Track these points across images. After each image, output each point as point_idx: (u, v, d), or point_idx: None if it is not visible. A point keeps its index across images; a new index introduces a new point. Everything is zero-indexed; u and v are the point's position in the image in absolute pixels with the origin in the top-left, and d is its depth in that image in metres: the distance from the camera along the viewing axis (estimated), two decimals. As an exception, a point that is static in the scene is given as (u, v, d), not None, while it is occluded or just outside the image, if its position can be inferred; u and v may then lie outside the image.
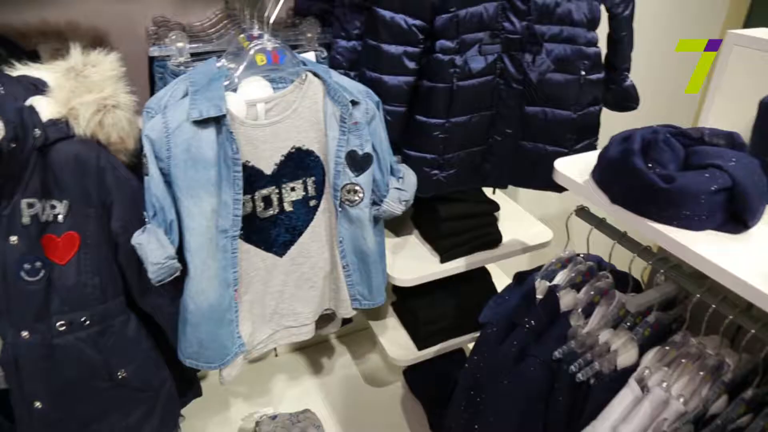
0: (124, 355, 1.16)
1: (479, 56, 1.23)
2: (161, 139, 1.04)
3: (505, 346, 1.18)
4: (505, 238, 1.60)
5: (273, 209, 1.21)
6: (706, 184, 0.83)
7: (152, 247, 1.04)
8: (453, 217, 1.46)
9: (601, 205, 0.95)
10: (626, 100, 1.41)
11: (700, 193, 0.83)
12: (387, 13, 1.21)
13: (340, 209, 1.22)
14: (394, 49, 1.22)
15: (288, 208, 1.22)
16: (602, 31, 1.34)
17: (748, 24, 2.39)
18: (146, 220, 1.08)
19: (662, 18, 2.06)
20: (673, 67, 2.16)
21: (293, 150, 1.19)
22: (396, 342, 1.71)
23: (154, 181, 1.05)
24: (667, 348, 1.06)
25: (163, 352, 1.26)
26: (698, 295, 0.97)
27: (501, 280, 1.75)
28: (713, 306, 0.95)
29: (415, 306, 1.66)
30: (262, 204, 1.20)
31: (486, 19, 1.22)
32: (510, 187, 1.48)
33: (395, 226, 1.65)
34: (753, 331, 0.90)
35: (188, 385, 1.43)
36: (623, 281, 1.18)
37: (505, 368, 1.17)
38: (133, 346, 1.17)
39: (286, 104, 1.17)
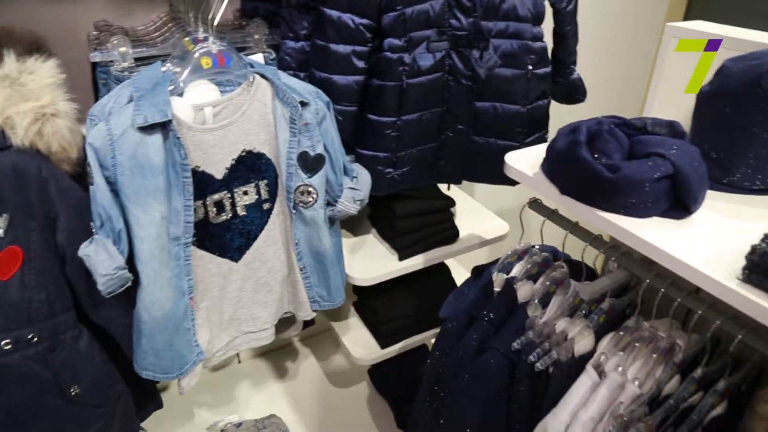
0: (76, 371, 1.12)
1: (427, 54, 1.24)
2: (105, 147, 1.02)
3: (466, 340, 1.19)
4: (462, 233, 1.61)
5: (226, 214, 1.19)
6: (649, 172, 0.85)
7: (101, 258, 1.01)
8: (409, 214, 1.47)
9: (551, 197, 0.97)
10: (574, 93, 1.44)
11: (644, 181, 0.85)
12: (334, 13, 1.20)
13: (294, 211, 1.21)
14: (343, 48, 1.22)
15: (241, 212, 1.20)
16: (548, 26, 1.37)
17: (687, 16, 2.46)
18: (93, 230, 1.05)
19: (606, 11, 2.11)
20: (619, 59, 2.22)
21: (244, 153, 1.17)
22: (359, 342, 1.71)
23: (99, 190, 1.02)
24: (621, 333, 1.08)
25: (119, 365, 1.22)
26: (648, 281, 0.99)
27: (461, 274, 1.76)
28: (662, 290, 0.98)
29: (375, 305, 1.66)
30: (214, 209, 1.18)
31: (433, 17, 1.22)
32: (465, 182, 1.50)
33: (352, 225, 1.65)
34: (699, 312, 0.92)
35: (148, 397, 1.40)
36: (578, 270, 1.20)
37: (466, 362, 1.18)
38: (85, 360, 1.14)
39: (235, 107, 1.15)
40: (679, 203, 0.90)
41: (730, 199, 0.99)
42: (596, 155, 0.90)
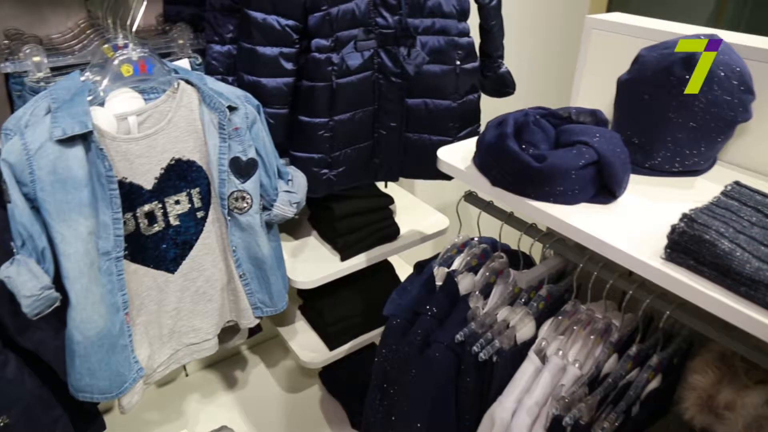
0: (5, 400, 1.07)
1: (356, 53, 1.24)
2: (22, 162, 0.97)
3: (410, 335, 1.20)
4: (403, 230, 1.62)
5: (158, 225, 1.16)
6: (574, 160, 0.88)
7: (24, 279, 0.96)
8: (349, 214, 1.46)
9: (483, 189, 0.99)
10: (503, 86, 1.47)
11: (570, 169, 0.88)
12: (259, 15, 1.18)
13: (229, 218, 1.19)
14: (270, 50, 1.20)
15: (174, 222, 1.17)
16: (475, 21, 1.39)
17: (610, 8, 2.55)
18: (14, 250, 0.99)
19: (532, 4, 2.15)
20: (547, 51, 2.28)
21: (173, 162, 1.14)
22: (307, 345, 1.70)
23: (18, 208, 0.97)
24: (560, 318, 1.11)
25: (54, 389, 1.17)
26: (581, 265, 1.02)
27: (405, 271, 1.77)
28: (595, 273, 1.01)
29: (321, 307, 1.65)
30: (145, 221, 1.14)
31: (359, 16, 1.22)
32: (406, 179, 1.51)
33: (292, 228, 1.63)
34: (630, 292, 0.96)
35: (89, 420, 1.34)
36: (518, 260, 1.22)
37: (412, 357, 1.19)
38: (14, 388, 1.08)
39: (160, 115, 1.12)
40: (605, 189, 0.94)
41: (652, 182, 1.03)
42: (524, 146, 0.92)
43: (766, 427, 0.89)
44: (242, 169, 1.16)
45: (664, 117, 1.01)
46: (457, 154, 1.08)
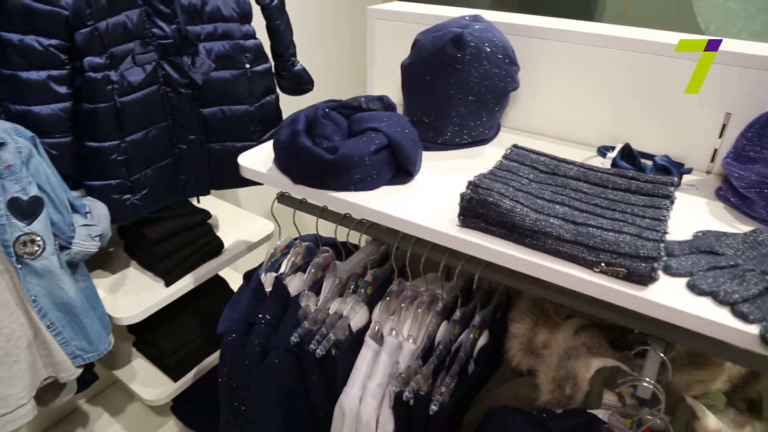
0: None
1: (136, 67, 1.16)
2: None
3: (248, 347, 1.17)
4: (228, 242, 1.57)
5: (-69, 290, 1.00)
6: (366, 146, 0.91)
7: None
8: (164, 236, 1.38)
9: (286, 188, 0.99)
10: (301, 84, 1.47)
11: (363, 155, 0.90)
12: (14, 36, 1.06)
13: (20, 266, 1.06)
14: (36, 75, 1.09)
15: (-48, 283, 1.02)
16: (262, 22, 1.37)
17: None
18: None
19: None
20: (342, 43, 2.32)
21: (-65, 215, 0.99)
22: (149, 382, 1.59)
23: None
24: (388, 299, 1.15)
25: None
26: (396, 245, 1.06)
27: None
28: (410, 250, 1.05)
29: (155, 339, 1.55)
30: None
31: (132, 28, 1.15)
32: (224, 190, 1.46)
33: (107, 262, 1.51)
34: (442, 262, 1.01)
35: None
36: (347, 251, 1.24)
37: (254, 369, 1.16)
38: None
39: None
40: (402, 170, 0.98)
41: (445, 156, 1.10)
42: (317, 140, 0.93)
43: (575, 355, 0.99)
44: (24, 209, 1.04)
45: (446, 94, 1.08)
46: (259, 158, 1.07)
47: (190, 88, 1.24)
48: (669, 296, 0.73)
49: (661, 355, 0.87)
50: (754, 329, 0.68)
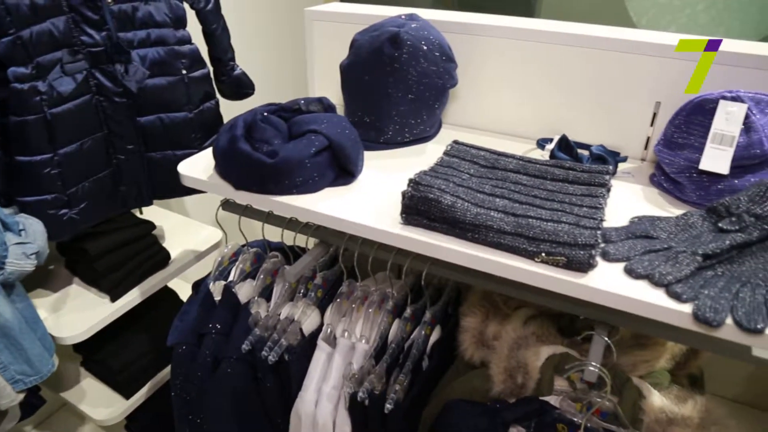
0: None
1: (65, 77, 1.12)
2: None
3: (200, 359, 1.15)
4: (176, 252, 1.54)
5: None
6: (305, 149, 0.90)
7: None
8: (106, 251, 1.34)
9: (229, 194, 0.97)
10: (241, 88, 1.45)
11: (303, 158, 0.90)
12: (-71, 48, 1.01)
13: (-50, 290, 1.02)
14: (-47, 88, 1.04)
15: None
16: (199, 26, 1.35)
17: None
18: None
19: (250, 1, 2.14)
20: (277, 47, 2.29)
21: None
22: (99, 402, 1.54)
23: None
24: (339, 300, 1.15)
25: None
26: (342, 246, 1.06)
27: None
28: (357, 251, 1.05)
29: (103, 356, 1.50)
30: None
31: (59, 36, 1.11)
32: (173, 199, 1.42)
33: (48, 281, 1.45)
34: (390, 260, 1.01)
35: None
36: (297, 255, 1.23)
37: (206, 380, 1.14)
38: None
39: None
40: (344, 171, 0.98)
41: (388, 155, 1.11)
42: (257, 145, 0.92)
43: (525, 345, 1.01)
44: (-49, 230, 1.00)
45: (386, 94, 1.08)
46: (200, 166, 1.05)
47: (125, 96, 1.20)
48: (608, 281, 0.75)
49: (606, 339, 0.89)
50: (687, 308, 0.71)
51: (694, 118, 0.96)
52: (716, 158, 0.92)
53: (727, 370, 1.27)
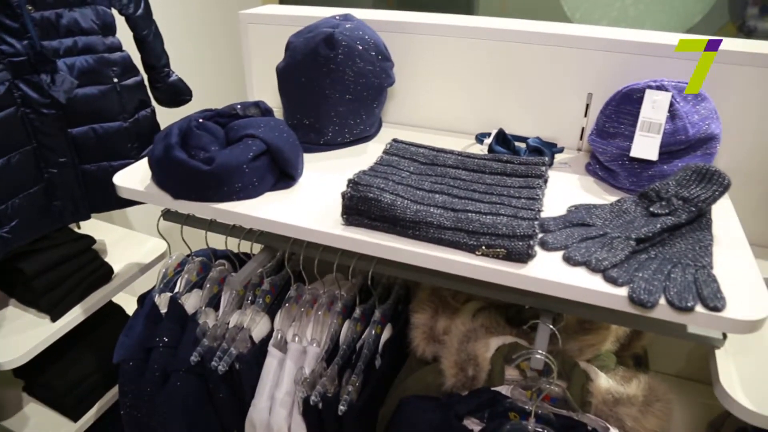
0: None
1: (-13, 89, 1.08)
2: None
3: (148, 374, 1.12)
4: (119, 265, 1.50)
5: None
6: (242, 154, 0.89)
7: None
8: (44, 269, 1.29)
9: (167, 204, 0.95)
10: (178, 95, 1.42)
11: (241, 164, 0.88)
12: None
13: None
14: None
15: None
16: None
17: (284, 1, 2.62)
18: None
19: (182, 6, 2.09)
20: (213, 51, 2.25)
21: None
22: (45, 427, 1.49)
23: None
24: (288, 305, 1.14)
25: None
26: (287, 250, 1.05)
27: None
28: (302, 254, 1.04)
29: (47, 379, 1.45)
30: None
31: (-25, 47, 1.06)
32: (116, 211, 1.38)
33: (-19, 305, 1.39)
34: (335, 262, 1.01)
35: None
36: (242, 263, 1.21)
37: (156, 396, 1.11)
38: None
39: None
40: (284, 174, 0.97)
41: (328, 157, 1.10)
42: (193, 152, 0.90)
43: (474, 337, 1.02)
44: None
45: (323, 95, 1.07)
46: (136, 176, 1.02)
47: (54, 107, 1.15)
48: (547, 270, 0.77)
49: (550, 326, 0.91)
50: (623, 291, 0.73)
51: (623, 107, 0.99)
52: (645, 145, 0.95)
53: (669, 348, 1.32)
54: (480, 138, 1.13)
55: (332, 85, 1.06)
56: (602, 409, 0.96)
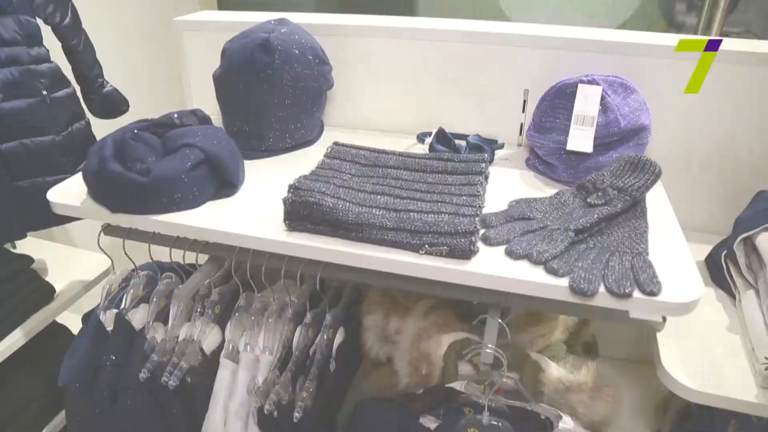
0: None
1: None
2: None
3: (96, 394, 1.08)
4: (62, 284, 1.44)
5: None
6: (180, 164, 0.87)
7: None
8: (-23, 293, 1.24)
9: (105, 219, 0.92)
10: (114, 106, 1.38)
11: (179, 174, 0.87)
12: None
13: None
14: None
15: None
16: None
17: (222, 7, 2.58)
18: None
19: (114, 13, 2.03)
20: (149, 59, 2.20)
21: None
22: (-11, 458, 1.42)
23: None
24: (238, 315, 1.12)
25: None
26: (233, 259, 1.03)
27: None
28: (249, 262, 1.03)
29: (-12, 408, 1.39)
30: None
31: None
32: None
33: None
34: (283, 268, 1.00)
35: None
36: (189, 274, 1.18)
37: (106, 416, 1.08)
38: None
39: None
40: (225, 182, 0.95)
41: (270, 163, 1.09)
42: (129, 164, 0.88)
43: (425, 335, 1.03)
44: None
45: (262, 101, 1.06)
46: (72, 191, 0.99)
47: (-22, 123, 1.11)
48: (490, 265, 0.78)
49: (498, 320, 0.93)
50: (564, 282, 0.75)
51: (558, 102, 1.01)
52: (580, 138, 0.98)
53: (616, 333, 1.36)
54: (421, 137, 1.14)
55: (270, 91, 1.05)
56: (554, 397, 0.98)
